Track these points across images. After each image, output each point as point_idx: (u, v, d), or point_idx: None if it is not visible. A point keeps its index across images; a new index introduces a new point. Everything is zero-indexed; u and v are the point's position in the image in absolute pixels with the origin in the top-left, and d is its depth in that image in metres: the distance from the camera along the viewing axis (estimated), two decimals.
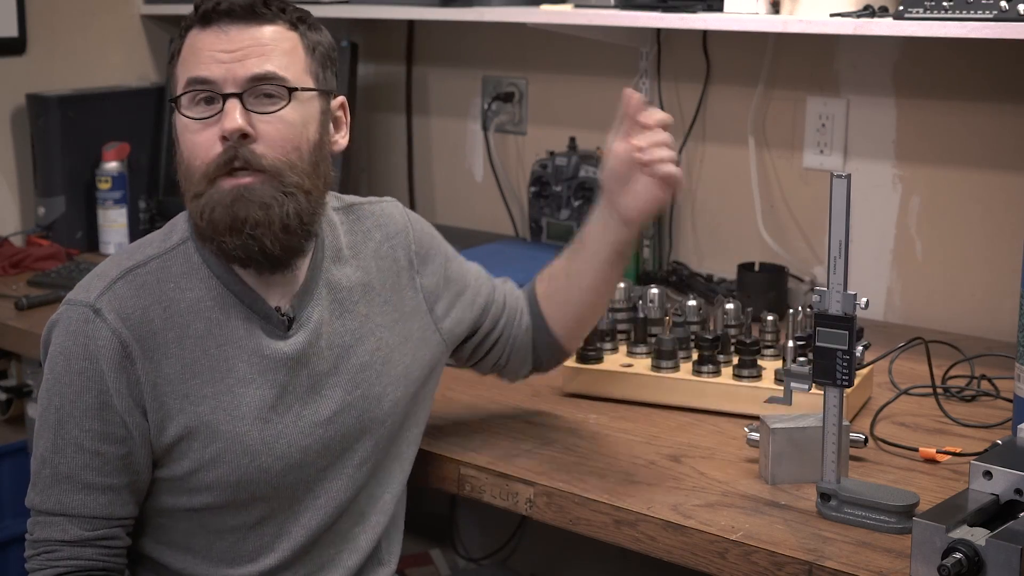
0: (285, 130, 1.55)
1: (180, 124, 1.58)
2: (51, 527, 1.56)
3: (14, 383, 2.71)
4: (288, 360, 1.61)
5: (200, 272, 1.59)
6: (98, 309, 1.55)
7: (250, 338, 1.59)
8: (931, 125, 2.40)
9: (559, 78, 2.93)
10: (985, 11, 1.95)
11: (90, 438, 1.54)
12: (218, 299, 1.59)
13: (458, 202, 3.16)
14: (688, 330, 2.06)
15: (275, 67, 1.55)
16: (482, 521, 3.02)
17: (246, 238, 1.53)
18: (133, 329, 1.55)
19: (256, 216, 1.53)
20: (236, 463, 1.58)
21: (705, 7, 2.31)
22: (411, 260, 1.75)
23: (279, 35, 1.57)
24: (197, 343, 1.57)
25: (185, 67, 1.58)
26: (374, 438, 1.69)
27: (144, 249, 1.62)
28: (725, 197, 2.70)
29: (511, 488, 1.75)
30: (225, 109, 1.53)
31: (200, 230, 1.56)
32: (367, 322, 1.68)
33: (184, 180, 1.57)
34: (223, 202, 1.53)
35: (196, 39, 1.58)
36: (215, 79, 1.54)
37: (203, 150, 1.54)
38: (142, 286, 1.57)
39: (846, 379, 1.56)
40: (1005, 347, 2.17)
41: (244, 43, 1.55)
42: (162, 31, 3.29)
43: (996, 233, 2.34)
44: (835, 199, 1.53)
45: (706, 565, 1.57)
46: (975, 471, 1.48)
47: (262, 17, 1.56)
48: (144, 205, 3.10)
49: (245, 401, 1.58)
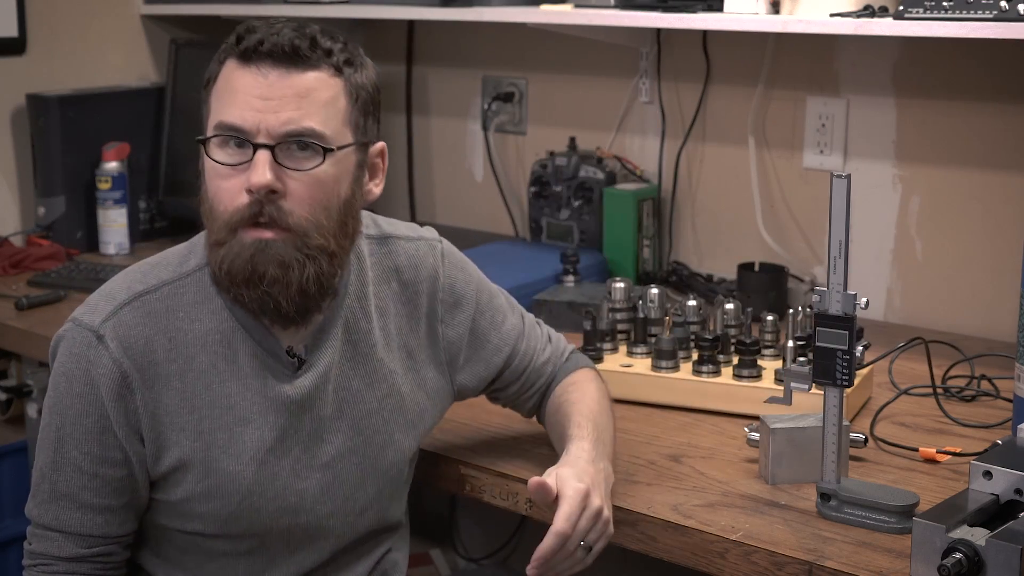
0: (316, 189, 1.48)
1: (206, 164, 1.50)
2: (48, 541, 1.55)
3: (14, 383, 2.71)
4: (292, 403, 1.56)
5: (212, 303, 1.54)
6: (101, 336, 1.51)
7: (255, 377, 1.55)
8: (931, 125, 2.40)
9: (559, 78, 2.93)
10: (985, 11, 1.95)
11: (88, 460, 1.52)
12: (227, 333, 1.54)
13: (458, 202, 3.16)
14: (688, 330, 2.06)
15: (314, 123, 1.46)
16: (482, 521, 3.02)
17: (262, 293, 1.48)
18: (135, 359, 1.51)
19: (274, 273, 1.47)
20: (228, 500, 1.56)
21: (705, 7, 2.31)
22: (435, 308, 1.69)
23: (321, 83, 1.48)
24: (199, 377, 1.53)
25: (219, 104, 1.49)
26: (377, 486, 1.65)
27: (159, 272, 1.57)
28: (725, 197, 2.70)
29: (511, 488, 1.75)
30: (255, 161, 1.45)
31: (217, 279, 1.52)
32: (380, 367, 1.63)
33: (206, 220, 1.51)
34: (243, 255, 1.47)
35: (233, 75, 1.48)
36: (247, 128, 1.45)
37: (228, 196, 1.47)
38: (149, 314, 1.53)
39: (846, 379, 1.56)
40: (1005, 347, 2.17)
41: (283, 92, 1.45)
42: (162, 31, 3.29)
43: (996, 233, 2.34)
44: (835, 199, 1.53)
45: (706, 565, 1.57)
46: (975, 471, 1.48)
47: (306, 62, 1.47)
48: (144, 205, 3.10)
49: (243, 440, 1.55)
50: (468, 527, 3.07)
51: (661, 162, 2.76)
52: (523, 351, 1.77)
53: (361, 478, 1.63)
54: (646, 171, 2.78)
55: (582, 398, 1.73)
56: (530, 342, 1.78)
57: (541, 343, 1.81)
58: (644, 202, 2.70)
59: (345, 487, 1.62)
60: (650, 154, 2.78)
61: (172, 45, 3.13)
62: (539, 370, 1.79)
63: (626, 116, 2.82)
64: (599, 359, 2.03)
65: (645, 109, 2.79)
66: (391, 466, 1.66)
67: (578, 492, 1.48)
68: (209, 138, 1.49)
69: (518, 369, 1.77)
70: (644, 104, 2.78)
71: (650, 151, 2.79)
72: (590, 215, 2.72)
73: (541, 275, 2.50)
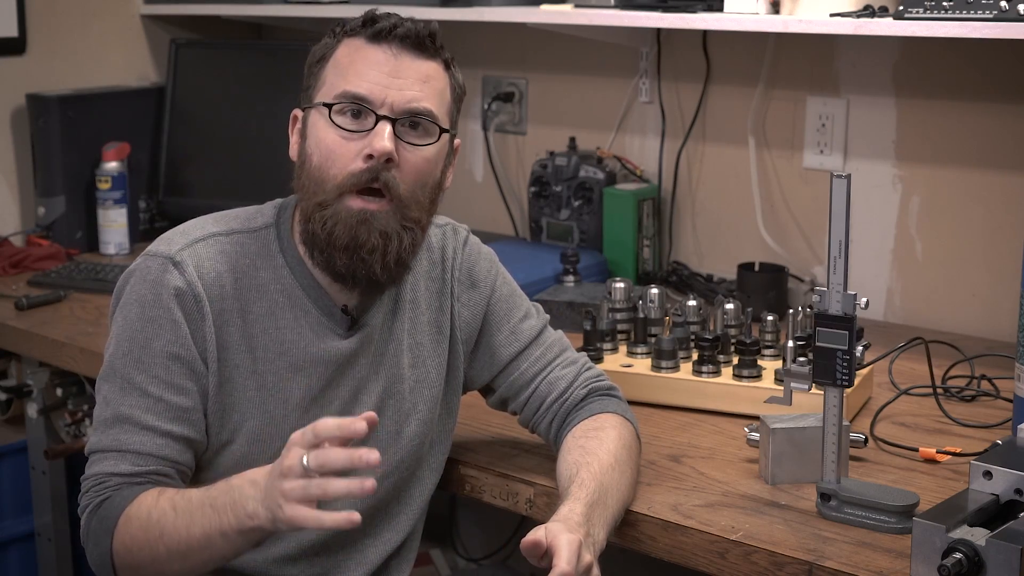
0: (423, 165, 1.60)
1: (320, 128, 1.59)
2: (104, 462, 1.57)
3: (14, 383, 2.70)
4: (341, 358, 1.64)
5: (275, 260, 1.64)
6: (178, 261, 1.60)
7: (309, 330, 1.63)
8: (931, 125, 2.40)
9: (559, 78, 2.93)
10: (985, 11, 1.95)
11: (156, 384, 1.58)
12: (285, 288, 1.63)
13: (458, 202, 3.16)
14: (688, 330, 2.06)
15: (432, 105, 1.59)
16: (482, 521, 3.02)
17: (358, 260, 1.57)
18: (208, 287, 1.60)
19: (374, 242, 1.57)
20: (270, 443, 1.61)
21: (705, 7, 2.31)
22: (452, 287, 1.76)
23: (437, 73, 1.62)
24: (258, 320, 1.62)
25: (343, 76, 1.58)
26: (399, 454, 1.70)
27: (229, 222, 1.67)
28: (725, 197, 2.70)
29: (511, 488, 1.75)
30: (376, 129, 1.56)
31: (315, 237, 1.59)
32: (412, 337, 1.71)
33: (309, 181, 1.59)
34: (348, 221, 1.56)
35: (361, 51, 1.59)
36: (373, 99, 1.56)
37: (342, 161, 1.56)
38: (221, 252, 1.63)
39: (846, 379, 1.56)
40: (1005, 347, 2.18)
41: (410, 73, 1.58)
42: (162, 31, 3.29)
43: (996, 233, 2.34)
44: (835, 199, 1.53)
45: (706, 565, 1.57)
46: (975, 471, 1.48)
47: (428, 52, 1.60)
48: (144, 205, 3.10)
49: (292, 387, 1.63)
50: (468, 527, 3.07)
51: (661, 162, 2.76)
52: (536, 356, 1.76)
53: (387, 443, 1.68)
54: (646, 171, 2.78)
55: (597, 448, 1.65)
56: (548, 352, 1.77)
57: (564, 360, 1.77)
58: (644, 202, 2.70)
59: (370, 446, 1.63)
60: (650, 154, 2.79)
61: (172, 45, 3.13)
62: (553, 383, 1.75)
63: (626, 116, 2.82)
64: (599, 359, 2.03)
65: (645, 109, 2.79)
66: (414, 436, 1.71)
67: (572, 542, 1.43)
68: (332, 104, 1.57)
69: (528, 373, 1.76)
70: (644, 104, 2.79)
71: (650, 151, 2.79)
72: (590, 215, 2.72)
73: (541, 275, 2.50)
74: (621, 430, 1.70)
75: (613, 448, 1.65)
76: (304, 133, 1.62)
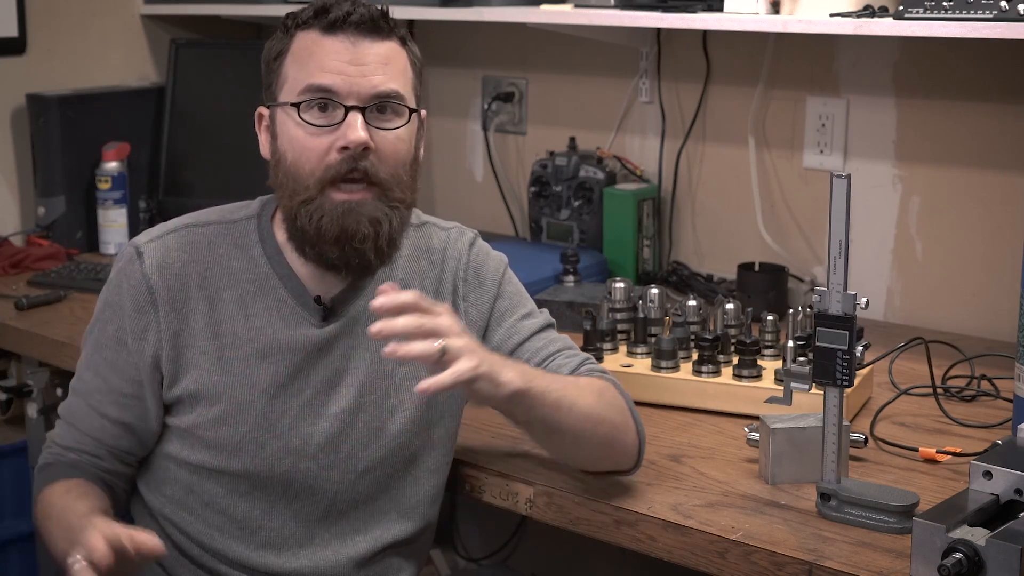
0: (399, 146, 1.61)
1: (289, 126, 1.60)
2: (59, 428, 1.72)
3: (14, 383, 2.71)
4: (311, 346, 1.65)
5: (252, 250, 1.66)
6: (141, 253, 1.65)
7: (280, 319, 1.64)
8: (931, 125, 2.40)
9: (559, 78, 2.93)
10: (985, 11, 1.95)
11: (104, 366, 1.66)
12: (261, 277, 1.65)
13: (458, 202, 3.16)
14: (688, 330, 2.06)
15: (397, 86, 1.60)
16: (482, 521, 3.02)
17: (351, 250, 1.59)
18: (167, 279, 1.63)
19: (365, 231, 1.58)
20: (236, 428, 1.63)
21: (705, 7, 2.31)
22: (457, 286, 1.75)
23: (395, 52, 1.62)
24: (227, 308, 1.64)
25: (303, 70, 1.59)
26: (382, 451, 1.69)
27: (210, 215, 1.71)
28: (725, 197, 2.70)
29: (511, 488, 1.75)
30: (347, 121, 1.57)
31: (303, 233, 1.60)
32: None
33: (286, 179, 1.61)
34: (333, 213, 1.57)
35: (318, 44, 1.59)
36: (339, 90, 1.57)
37: (316, 156, 1.58)
38: (190, 243, 1.66)
39: (846, 379, 1.56)
40: (1005, 347, 2.17)
41: (370, 59, 1.59)
42: (162, 31, 3.29)
43: (996, 233, 2.34)
44: (835, 199, 1.53)
45: (706, 565, 1.57)
46: (975, 471, 1.48)
47: (382, 32, 1.61)
48: (144, 205, 3.10)
49: (259, 373, 1.64)
50: (468, 527, 3.07)
51: (661, 162, 2.76)
52: (537, 348, 1.75)
53: (367, 437, 1.67)
54: (646, 171, 2.78)
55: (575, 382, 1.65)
56: (550, 346, 1.76)
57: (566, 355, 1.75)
58: (644, 202, 2.71)
59: (349, 442, 1.67)
60: (650, 154, 2.79)
61: (172, 45, 3.13)
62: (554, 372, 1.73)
63: (626, 116, 2.82)
64: (599, 359, 2.03)
65: (645, 109, 2.79)
66: (399, 433, 1.69)
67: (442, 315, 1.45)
68: (300, 103, 1.58)
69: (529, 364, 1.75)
70: (644, 104, 2.79)
71: (650, 151, 2.79)
72: (590, 215, 2.72)
73: (541, 275, 2.50)
74: (608, 388, 1.68)
75: (586, 383, 1.65)
76: (274, 131, 1.63)
